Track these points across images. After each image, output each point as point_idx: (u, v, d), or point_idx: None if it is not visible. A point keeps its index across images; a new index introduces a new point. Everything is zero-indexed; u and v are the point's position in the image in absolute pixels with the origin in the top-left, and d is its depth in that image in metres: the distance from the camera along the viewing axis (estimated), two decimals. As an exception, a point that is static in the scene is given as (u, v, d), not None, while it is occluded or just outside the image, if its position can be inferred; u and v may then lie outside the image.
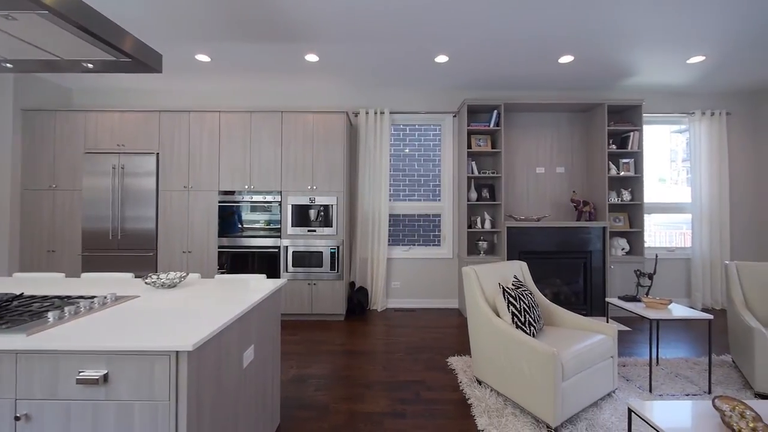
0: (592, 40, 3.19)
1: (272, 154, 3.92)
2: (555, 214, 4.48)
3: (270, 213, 3.91)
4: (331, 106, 4.55)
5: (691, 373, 2.67)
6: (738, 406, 1.46)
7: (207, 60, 3.61)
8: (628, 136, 4.23)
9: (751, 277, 2.72)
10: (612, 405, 2.21)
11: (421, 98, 4.57)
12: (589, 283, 4.05)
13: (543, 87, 4.43)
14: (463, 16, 2.81)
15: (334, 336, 3.47)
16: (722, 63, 3.70)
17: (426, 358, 2.96)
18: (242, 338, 1.54)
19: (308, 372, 2.71)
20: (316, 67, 3.81)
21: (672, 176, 4.89)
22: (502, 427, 1.99)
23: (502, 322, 2.27)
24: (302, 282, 3.89)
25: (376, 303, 4.37)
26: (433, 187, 4.70)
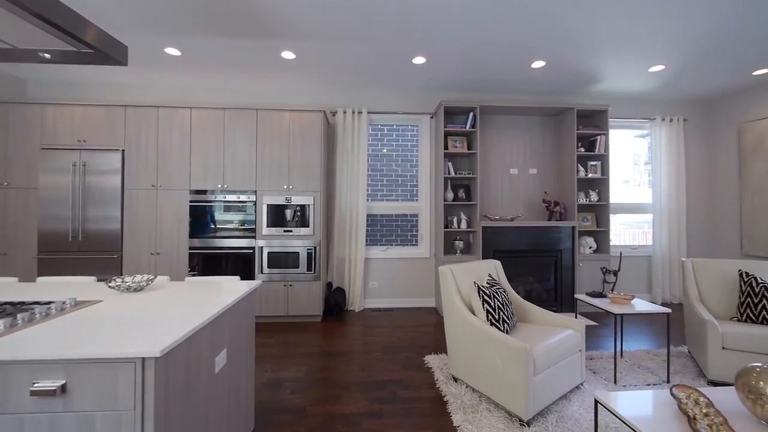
0: (562, 46, 3.31)
1: (247, 152, 3.82)
2: (528, 214, 4.62)
3: (244, 213, 3.81)
4: (309, 104, 4.49)
5: (651, 364, 2.83)
6: (693, 394, 1.57)
7: (177, 54, 3.47)
8: (596, 139, 4.43)
9: (705, 272, 2.92)
10: (580, 397, 2.31)
11: (399, 99, 4.59)
12: (560, 280, 4.20)
13: (517, 91, 4.57)
14: (439, 20, 2.85)
15: (310, 337, 3.43)
16: (680, 72, 3.95)
17: (403, 358, 2.98)
18: (214, 342, 1.49)
19: (284, 375, 2.66)
20: (293, 65, 3.75)
21: (635, 178, 5.16)
22: (477, 422, 2.04)
23: (477, 319, 2.32)
24: (278, 283, 3.82)
25: (353, 303, 4.35)
26: (410, 188, 4.73)
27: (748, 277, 2.66)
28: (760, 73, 3.98)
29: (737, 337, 2.39)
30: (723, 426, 1.36)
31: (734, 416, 1.52)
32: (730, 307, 2.77)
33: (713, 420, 1.39)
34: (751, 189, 4.41)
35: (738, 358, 2.39)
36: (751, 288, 2.61)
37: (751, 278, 2.64)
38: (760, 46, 3.31)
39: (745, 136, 4.48)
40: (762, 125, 4.28)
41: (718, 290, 2.84)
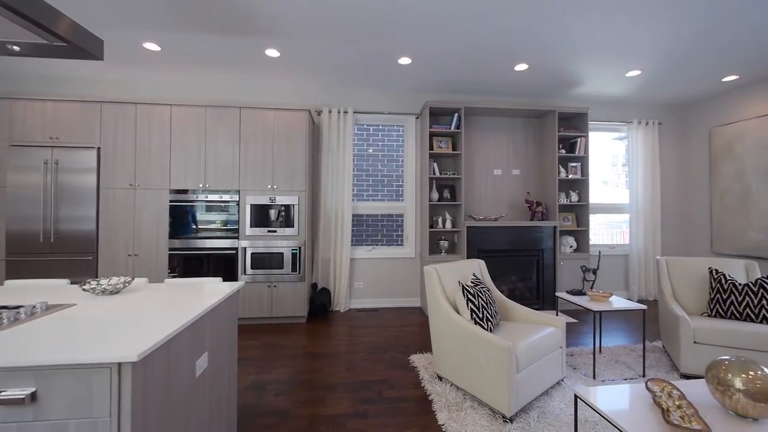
0: (544, 50, 3.39)
1: (230, 151, 3.75)
2: (511, 214, 4.70)
3: (227, 213, 3.74)
4: (293, 103, 4.45)
5: (628, 359, 2.92)
6: (666, 387, 1.63)
7: (157, 49, 3.38)
8: (576, 141, 4.55)
9: (678, 270, 3.04)
10: (561, 393, 2.36)
11: (385, 99, 4.59)
12: (542, 279, 4.30)
13: (501, 93, 4.64)
14: (425, 21, 2.87)
15: (295, 339, 3.39)
16: (655, 78, 4.10)
17: (389, 357, 2.98)
18: (195, 346, 1.46)
19: (268, 377, 2.62)
20: (278, 63, 3.70)
21: (613, 179, 5.33)
22: (461, 420, 2.06)
23: (461, 318, 2.35)
24: (262, 284, 3.76)
25: (339, 304, 4.33)
26: (396, 188, 4.74)
27: (717, 275, 2.78)
28: (729, 80, 4.17)
29: (708, 332, 2.50)
30: (694, 417, 1.42)
31: (705, 407, 1.59)
32: (701, 303, 2.89)
33: (685, 412, 1.45)
34: (720, 191, 4.62)
35: (708, 351, 2.50)
36: (720, 285, 2.73)
37: (720, 275, 2.76)
38: (728, 54, 3.47)
39: (715, 140, 4.69)
40: (730, 130, 4.49)
41: (691, 287, 2.96)
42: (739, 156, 4.38)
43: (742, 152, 4.36)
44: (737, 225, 4.40)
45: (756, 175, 4.20)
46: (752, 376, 1.48)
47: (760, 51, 3.41)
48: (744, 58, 3.58)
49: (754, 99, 4.27)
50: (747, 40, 3.19)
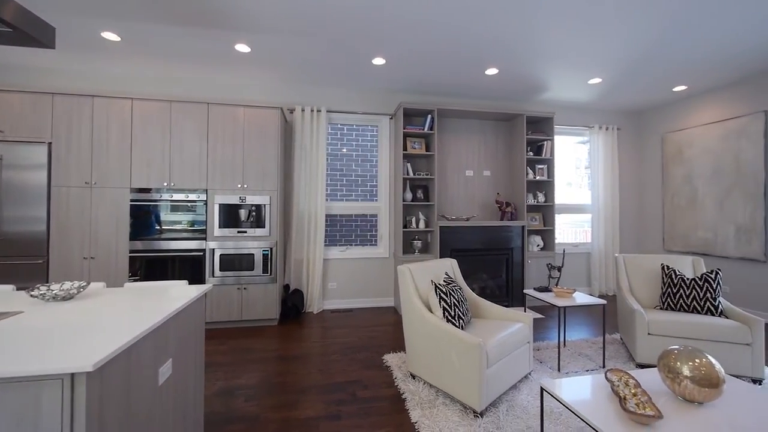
0: (513, 56, 3.51)
1: (197, 149, 3.60)
2: (482, 214, 4.83)
3: (194, 213, 3.59)
4: (265, 100, 4.34)
5: (590, 351, 3.08)
6: (623, 376, 1.73)
7: (116, 39, 3.18)
8: (543, 144, 4.75)
9: (634, 267, 3.24)
10: (528, 386, 2.46)
11: (359, 98, 4.58)
12: (511, 276, 4.45)
13: (473, 96, 4.76)
14: (399, 23, 2.88)
15: (266, 342, 3.31)
16: (614, 86, 4.35)
17: (362, 358, 2.98)
18: (158, 352, 1.39)
19: (237, 383, 2.54)
20: (248, 59, 3.59)
21: (577, 181, 5.60)
22: (434, 417, 2.09)
23: (434, 317, 2.38)
24: (231, 287, 3.64)
25: (311, 305, 4.27)
26: (370, 188, 4.74)
27: (668, 270, 2.99)
28: (679, 90, 4.50)
29: (660, 323, 2.68)
30: (648, 404, 1.52)
31: (657, 394, 1.70)
32: (654, 297, 3.10)
33: (640, 399, 1.55)
34: (671, 192, 4.97)
35: (661, 342, 2.68)
36: (671, 280, 2.94)
37: (671, 271, 2.97)
38: (678, 66, 3.74)
39: (667, 145, 5.04)
40: (680, 136, 4.85)
41: (645, 282, 3.17)
42: (688, 160, 4.74)
43: (690, 157, 4.71)
44: (686, 224, 4.75)
45: (702, 178, 4.56)
46: (698, 364, 1.61)
47: (705, 64, 3.70)
48: (691, 70, 3.88)
49: (701, 108, 4.63)
50: (694, 54, 3.46)
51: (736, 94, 4.22)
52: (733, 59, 3.59)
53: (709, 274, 2.81)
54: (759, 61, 3.62)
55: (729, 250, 4.23)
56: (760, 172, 3.93)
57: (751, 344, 2.50)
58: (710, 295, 2.76)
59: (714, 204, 4.41)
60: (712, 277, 2.80)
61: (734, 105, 4.25)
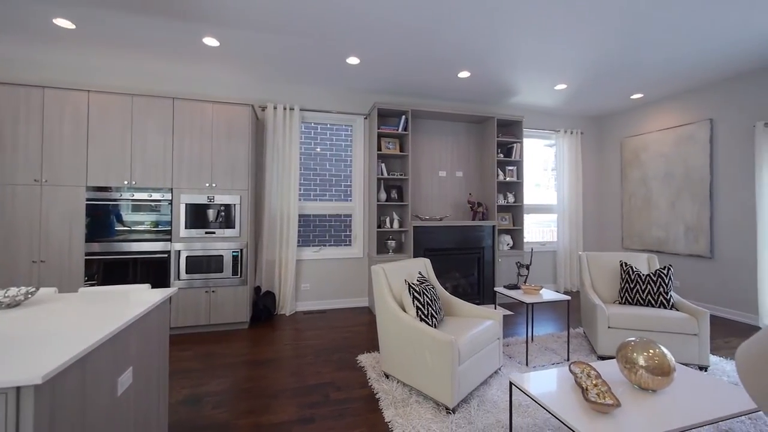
0: (484, 61, 3.60)
1: (161, 145, 3.43)
2: (454, 214, 4.92)
3: (158, 213, 3.42)
4: (235, 97, 4.20)
5: (555, 345, 3.22)
6: (586, 368, 1.82)
7: (70, 27, 2.97)
8: (513, 146, 4.91)
9: (596, 264, 3.42)
10: (498, 381, 2.53)
11: (333, 97, 4.54)
12: (482, 275, 4.57)
13: (446, 98, 4.84)
14: (371, 23, 2.88)
15: (236, 346, 3.21)
16: (578, 92, 4.57)
17: (336, 359, 2.95)
18: (117, 361, 1.31)
19: (204, 389, 2.45)
20: (217, 53, 3.47)
21: (544, 182, 5.83)
22: (407, 415, 2.11)
23: (407, 316, 2.40)
24: (198, 290, 3.50)
25: (284, 307, 4.19)
26: (344, 188, 4.71)
27: (626, 267, 3.18)
28: (636, 98, 4.80)
29: (619, 317, 2.85)
30: (607, 393, 1.61)
31: (616, 383, 1.81)
32: (614, 292, 3.28)
33: (600, 389, 1.64)
34: (629, 193, 5.29)
35: (620, 335, 2.84)
36: (628, 276, 3.13)
37: (629, 268, 3.16)
38: (635, 75, 3.99)
39: (625, 150, 5.36)
40: (637, 141, 5.17)
41: (606, 278, 3.35)
42: (644, 164, 5.06)
43: (645, 161, 5.03)
44: (642, 223, 5.07)
45: (656, 180, 4.88)
46: (652, 354, 1.72)
47: (659, 75, 3.97)
48: (647, 80, 4.14)
49: (656, 115, 4.96)
50: (649, 65, 3.70)
51: (686, 103, 4.56)
52: (683, 71, 3.87)
53: (662, 270, 3.01)
54: (706, 73, 3.92)
55: (679, 247, 4.56)
56: (706, 175, 4.27)
57: (698, 334, 2.70)
58: (663, 289, 2.96)
59: (666, 205, 4.73)
60: (664, 272, 3.00)
61: (684, 113, 4.58)
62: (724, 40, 3.16)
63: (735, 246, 4.03)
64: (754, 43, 3.23)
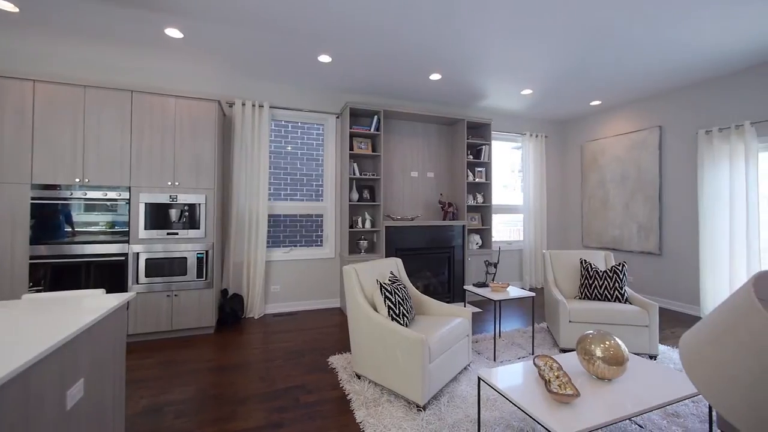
0: (453, 64, 3.68)
1: (117, 141, 3.22)
2: (426, 214, 4.99)
3: (114, 213, 3.21)
4: (201, 92, 4.03)
5: (521, 340, 3.35)
6: (548, 361, 1.90)
7: (12, 10, 2.72)
8: (482, 148, 5.05)
9: (558, 261, 3.59)
10: (467, 377, 2.59)
11: (304, 96, 4.46)
12: (452, 273, 4.66)
13: (418, 99, 4.90)
14: (343, 22, 2.86)
15: (200, 352, 3.08)
16: (542, 97, 4.78)
17: (306, 362, 2.90)
18: (65, 373, 1.21)
19: (166, 398, 2.32)
20: (181, 45, 3.30)
21: (511, 183, 6.05)
22: (379, 415, 2.11)
23: (379, 316, 2.41)
24: (159, 294, 3.32)
25: (252, 310, 4.06)
26: (316, 187, 4.65)
27: (585, 264, 3.36)
28: (595, 104, 5.09)
29: (579, 311, 3.01)
30: (568, 384, 1.69)
31: (576, 374, 1.91)
32: (575, 288, 3.46)
33: (562, 380, 1.72)
34: (588, 195, 5.60)
35: (580, 328, 3.00)
36: (587, 272, 3.31)
37: (588, 265, 3.35)
38: (594, 83, 4.23)
39: (585, 153, 5.66)
40: (595, 145, 5.48)
41: (567, 275, 3.53)
42: (601, 167, 5.37)
43: (603, 164, 5.35)
44: (600, 223, 5.39)
45: (612, 183, 5.20)
46: (607, 345, 1.83)
47: (614, 83, 4.23)
48: (604, 88, 4.41)
49: (612, 121, 5.28)
50: (604, 73, 3.93)
51: (639, 111, 4.89)
52: (636, 81, 4.15)
53: (617, 267, 3.22)
54: (656, 84, 4.23)
55: (632, 245, 4.88)
56: (656, 178, 4.60)
57: (648, 326, 2.91)
58: (618, 285, 3.16)
59: (621, 206, 5.05)
60: (619, 269, 3.20)
61: (637, 120, 4.91)
62: (670, 55, 3.42)
63: (680, 243, 4.37)
64: (697, 59, 3.52)
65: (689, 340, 0.81)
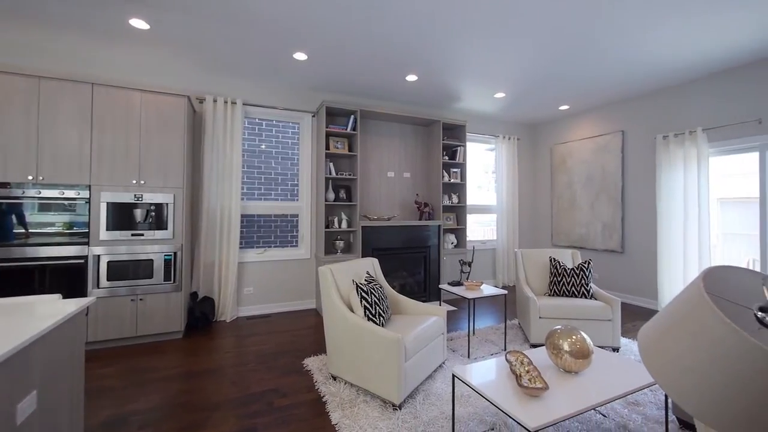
0: (430, 66, 3.72)
1: (76, 137, 3.03)
2: (402, 214, 5.03)
3: (72, 213, 3.02)
4: (169, 87, 3.86)
5: (494, 337, 3.44)
6: (519, 356, 1.96)
7: (-47, -8, 2.50)
8: (457, 149, 5.14)
9: (529, 260, 3.72)
10: (442, 374, 2.63)
11: (279, 93, 4.38)
12: (428, 273, 4.72)
13: (395, 100, 4.92)
14: (318, 20, 2.83)
15: (169, 358, 2.95)
16: (515, 101, 4.93)
17: (281, 364, 2.85)
18: (15, 385, 1.13)
19: (130, 408, 2.21)
20: (147, 37, 3.15)
21: (485, 184, 6.20)
22: (354, 416, 2.10)
23: (355, 316, 2.40)
24: (123, 298, 3.15)
25: (224, 313, 3.94)
26: (291, 187, 4.57)
27: (554, 262, 3.50)
28: (564, 109, 5.31)
29: (548, 308, 3.12)
30: (538, 378, 1.75)
31: (545, 368, 1.98)
32: (544, 285, 3.59)
33: (532, 375, 1.78)
34: (557, 195, 5.83)
35: (549, 323, 3.12)
36: (556, 270, 3.45)
37: (556, 263, 3.49)
38: (562, 89, 4.41)
39: (554, 155, 5.89)
40: (564, 147, 5.71)
41: (537, 273, 3.65)
42: (569, 169, 5.61)
43: (571, 166, 5.59)
44: (568, 222, 5.62)
45: (579, 184, 5.44)
46: (574, 340, 1.91)
47: (580, 89, 4.43)
48: (572, 94, 4.60)
49: (580, 125, 5.52)
50: (572, 80, 4.11)
51: (604, 116, 5.14)
52: (601, 88, 4.36)
53: (584, 264, 3.37)
54: (619, 91, 4.46)
55: (597, 243, 5.13)
56: (619, 180, 4.86)
57: (611, 320, 3.06)
58: (584, 281, 3.31)
59: (587, 206, 5.30)
60: (585, 266, 3.35)
61: (602, 124, 5.17)
62: (632, 66, 3.62)
63: (641, 241, 4.64)
64: (656, 69, 3.75)
65: (646, 333, 0.87)
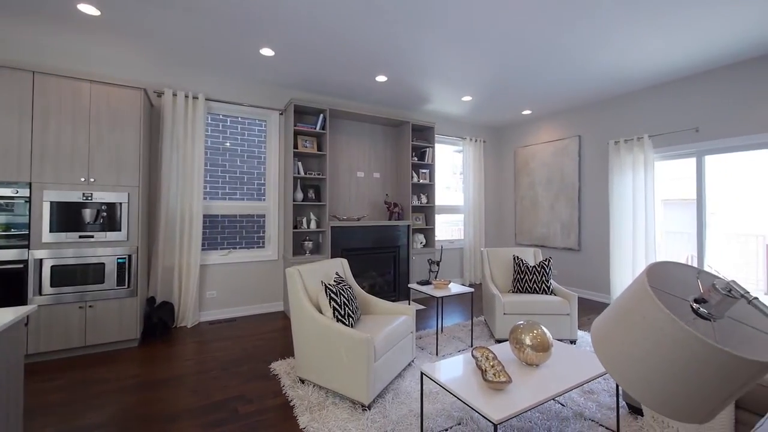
0: (398, 68, 3.75)
1: (14, 129, 2.76)
2: (372, 214, 5.03)
3: (9, 213, 2.74)
4: (124, 78, 3.61)
5: (461, 334, 3.53)
6: (485, 352, 2.02)
7: None
8: (426, 151, 5.22)
9: (494, 258, 3.85)
10: (411, 373, 2.66)
11: (245, 89, 4.23)
12: (398, 272, 4.76)
13: (365, 100, 4.91)
14: (284, 14, 2.77)
15: (122, 369, 2.76)
16: (481, 104, 5.09)
17: (246, 370, 2.75)
18: (-65, 405, 1.01)
19: (77, 424, 2.05)
20: (98, 24, 2.93)
21: (453, 185, 6.34)
22: (323, 419, 2.08)
23: (324, 317, 2.37)
24: (70, 306, 2.91)
25: (185, 318, 3.75)
26: (257, 186, 4.43)
27: (518, 260, 3.65)
28: (526, 113, 5.55)
29: (512, 304, 3.25)
30: (502, 372, 1.81)
31: (509, 362, 2.05)
32: (508, 283, 3.73)
33: (496, 369, 1.84)
34: (520, 196, 6.08)
35: (513, 319, 3.25)
36: (519, 267, 3.60)
37: (519, 261, 3.64)
38: (524, 94, 4.61)
39: (518, 158, 6.15)
40: (527, 150, 5.97)
41: (502, 271, 3.79)
42: (532, 171, 5.87)
43: (533, 168, 5.85)
44: (530, 222, 5.88)
45: (540, 185, 5.71)
46: (535, 334, 2.00)
47: (541, 95, 4.66)
48: (533, 99, 4.83)
49: (541, 129, 5.79)
50: (533, 87, 4.31)
51: (563, 121, 5.43)
52: (558, 94, 4.61)
53: (544, 262, 3.54)
54: (575, 97, 4.74)
55: (557, 242, 5.41)
56: (576, 182, 5.16)
57: (569, 314, 3.24)
58: (545, 278, 3.48)
59: (548, 206, 5.57)
60: (546, 264, 3.52)
61: (561, 129, 5.45)
62: (585, 74, 3.86)
63: (595, 240, 4.95)
64: (606, 78, 4.02)
65: (597, 326, 0.92)
